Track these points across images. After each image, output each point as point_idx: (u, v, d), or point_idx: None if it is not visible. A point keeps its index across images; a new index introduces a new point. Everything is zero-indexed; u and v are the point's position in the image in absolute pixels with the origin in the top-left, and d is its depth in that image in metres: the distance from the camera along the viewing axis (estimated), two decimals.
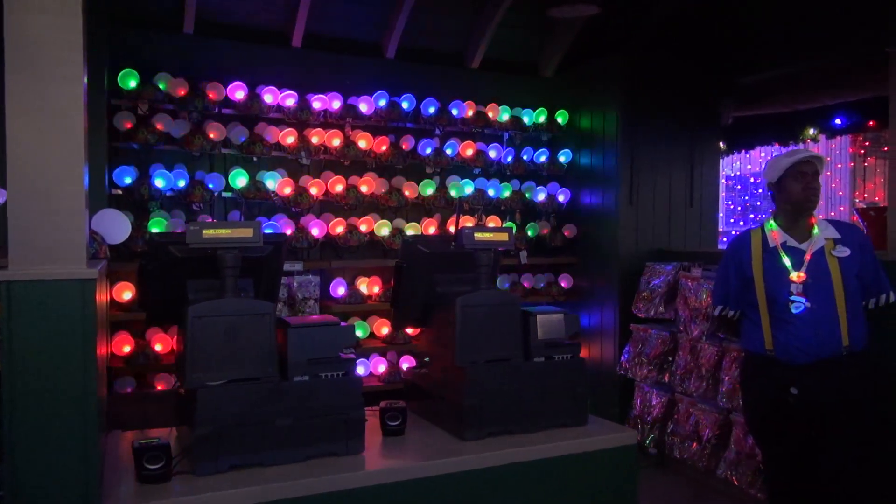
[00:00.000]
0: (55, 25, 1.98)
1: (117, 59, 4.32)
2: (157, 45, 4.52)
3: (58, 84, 1.94)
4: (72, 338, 1.98)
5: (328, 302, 4.80)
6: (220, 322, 2.30)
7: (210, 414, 2.22)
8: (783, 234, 2.94)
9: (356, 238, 4.77)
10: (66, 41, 1.96)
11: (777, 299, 2.87)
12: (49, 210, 1.91)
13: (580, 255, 5.55)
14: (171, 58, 4.53)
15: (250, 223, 2.41)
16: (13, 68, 2.00)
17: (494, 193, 5.30)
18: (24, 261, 1.97)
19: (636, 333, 4.90)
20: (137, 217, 4.27)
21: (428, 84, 5.26)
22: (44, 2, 2.03)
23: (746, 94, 5.81)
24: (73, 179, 1.92)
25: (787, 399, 2.85)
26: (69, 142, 1.92)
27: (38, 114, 1.93)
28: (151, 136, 4.29)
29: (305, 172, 4.86)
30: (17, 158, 1.96)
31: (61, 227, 1.93)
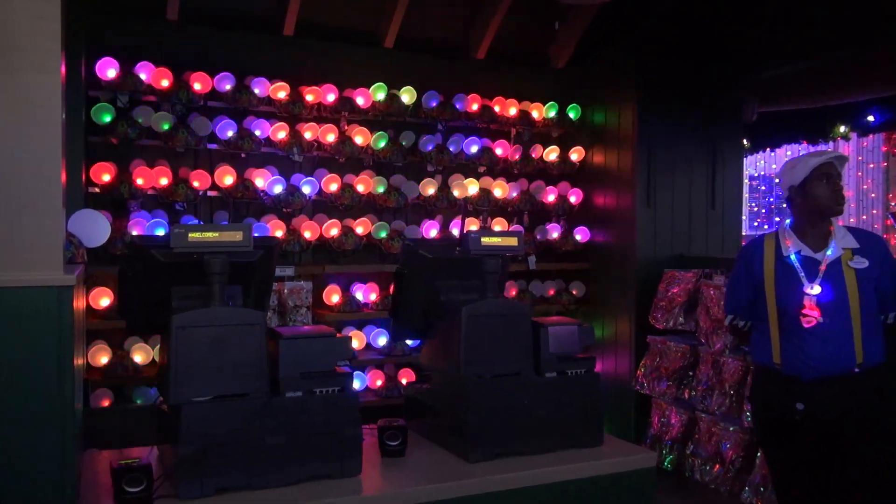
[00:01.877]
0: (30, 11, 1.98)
1: (95, 47, 4.32)
2: (138, 33, 4.52)
3: (33, 75, 1.94)
4: (47, 349, 1.97)
5: (321, 310, 4.79)
6: (206, 333, 2.30)
7: (195, 432, 2.21)
8: (798, 243, 2.93)
9: (352, 241, 4.76)
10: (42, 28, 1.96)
11: (788, 311, 2.87)
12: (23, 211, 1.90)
13: (593, 260, 5.54)
14: (154, 46, 4.53)
15: (239, 226, 2.41)
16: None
17: (501, 194, 5.30)
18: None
19: (654, 346, 4.88)
20: (116, 217, 4.26)
21: (429, 76, 5.25)
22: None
23: (772, 88, 5.81)
24: (49, 178, 1.92)
25: (793, 415, 2.86)
26: (46, 137, 1.92)
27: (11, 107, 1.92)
28: (132, 130, 4.29)
29: (297, 170, 4.86)
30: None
31: (36, 229, 1.92)
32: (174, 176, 4.46)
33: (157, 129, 4.36)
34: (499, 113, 5.33)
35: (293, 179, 4.75)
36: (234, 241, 2.41)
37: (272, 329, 2.52)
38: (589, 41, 5.64)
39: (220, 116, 4.57)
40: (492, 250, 2.70)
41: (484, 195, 5.23)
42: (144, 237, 2.97)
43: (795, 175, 2.93)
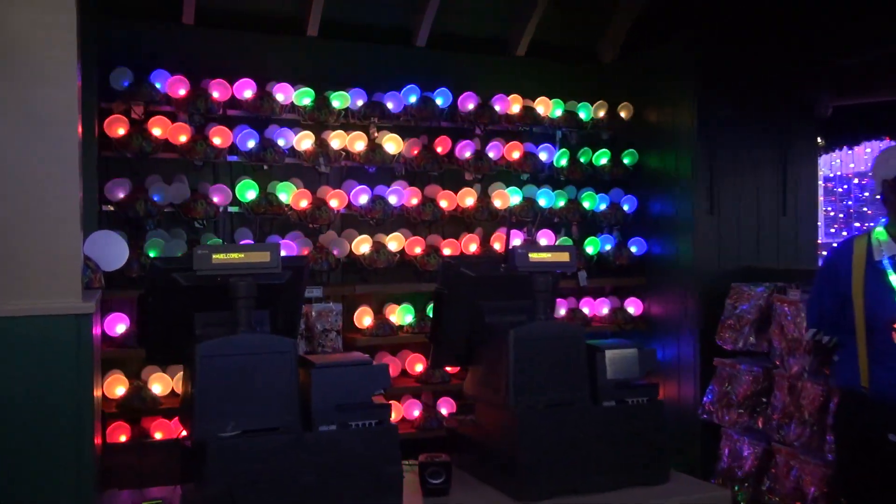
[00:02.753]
0: (45, 22, 2.05)
1: (107, 55, 4.44)
2: (152, 39, 4.64)
3: (48, 89, 2.00)
4: (65, 382, 2.02)
5: (352, 334, 4.82)
6: (232, 362, 2.33)
7: (222, 470, 2.24)
8: (893, 245, 2.85)
9: (384, 258, 4.80)
10: (57, 39, 2.03)
11: (878, 325, 2.79)
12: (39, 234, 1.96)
13: (650, 275, 5.49)
14: (169, 53, 4.64)
15: (267, 245, 2.45)
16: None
17: (546, 203, 5.29)
18: (11, 293, 2.02)
19: (721, 369, 4.81)
20: (132, 237, 4.35)
21: (466, 76, 5.28)
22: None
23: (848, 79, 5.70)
24: (66, 198, 1.97)
25: (884, 447, 2.77)
26: (62, 157, 1.98)
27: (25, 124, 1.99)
28: (147, 143, 4.39)
29: (324, 182, 4.92)
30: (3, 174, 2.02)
31: (53, 253, 1.98)
32: (193, 191, 4.55)
33: (174, 141, 4.46)
34: (542, 114, 5.33)
35: (320, 192, 4.82)
36: (261, 262, 2.45)
37: (303, 357, 2.55)
38: (640, 32, 5.62)
39: (240, 126, 4.66)
40: (541, 267, 2.70)
41: (528, 205, 5.23)
42: (165, 259, 3.03)
43: (890, 167, 2.86)
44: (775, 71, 5.29)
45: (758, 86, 5.24)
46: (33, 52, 2.10)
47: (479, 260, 3.02)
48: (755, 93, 5.23)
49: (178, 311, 2.54)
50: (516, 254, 2.71)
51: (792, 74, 5.34)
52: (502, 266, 2.85)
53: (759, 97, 5.24)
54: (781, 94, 5.31)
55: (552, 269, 2.74)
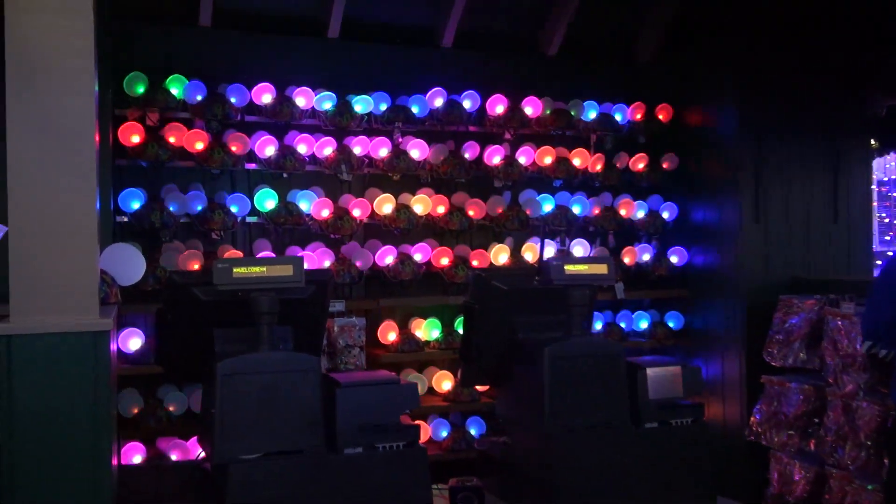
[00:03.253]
0: (61, 28, 2.09)
1: (122, 60, 4.50)
2: (168, 43, 4.69)
3: (66, 98, 2.05)
4: (82, 401, 2.06)
5: (376, 350, 4.83)
6: (254, 381, 2.36)
7: (243, 495, 2.26)
8: None
9: (409, 270, 4.81)
10: (74, 46, 2.07)
11: None
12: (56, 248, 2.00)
13: (692, 286, 5.44)
14: (186, 57, 4.70)
15: (290, 259, 2.48)
16: (14, 79, 2.11)
17: (581, 211, 5.27)
18: (28, 309, 2.06)
19: (770, 387, 4.76)
20: (147, 249, 4.39)
21: (494, 77, 5.28)
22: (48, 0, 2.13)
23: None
24: (84, 211, 2.01)
25: None
26: (79, 166, 2.02)
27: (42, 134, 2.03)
28: (163, 151, 4.44)
29: (346, 190, 4.94)
30: (20, 187, 2.06)
31: (71, 268, 2.02)
32: (209, 201, 4.59)
33: (191, 148, 4.51)
34: (576, 117, 5.32)
35: (342, 201, 4.84)
36: (284, 276, 2.49)
37: (327, 375, 2.57)
38: (679, 30, 5.59)
39: (259, 132, 4.70)
40: (577, 279, 2.70)
41: (561, 213, 5.21)
42: (183, 273, 3.08)
43: None
44: (824, 68, 5.23)
45: (805, 85, 5.19)
46: (50, 59, 2.15)
47: (511, 272, 3.02)
48: (803, 92, 5.18)
49: (197, 328, 2.58)
50: (551, 266, 2.72)
51: (842, 71, 5.28)
52: (536, 279, 2.86)
53: (807, 97, 5.19)
54: (831, 93, 5.25)
55: (589, 282, 2.74)
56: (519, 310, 2.87)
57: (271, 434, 2.35)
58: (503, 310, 2.87)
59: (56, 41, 2.14)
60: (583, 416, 2.64)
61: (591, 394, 2.66)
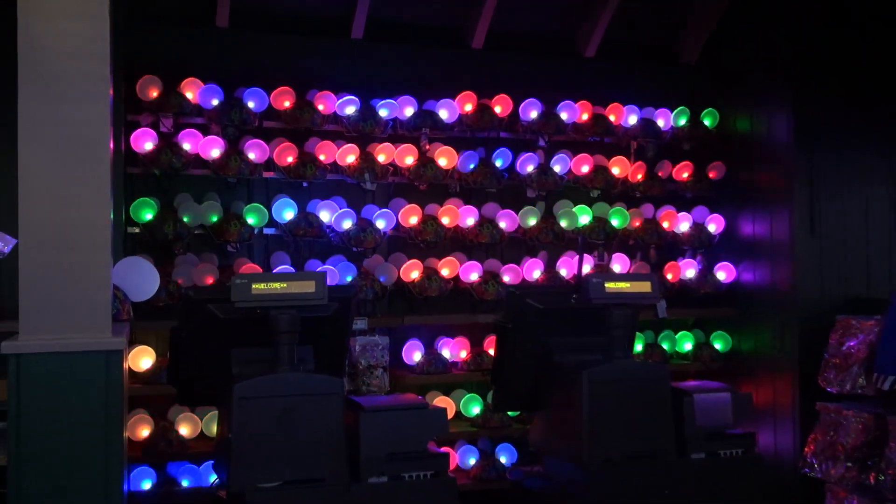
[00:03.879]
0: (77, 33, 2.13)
1: (134, 62, 4.56)
2: (183, 45, 4.76)
3: (80, 105, 2.09)
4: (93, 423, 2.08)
5: (400, 371, 4.84)
6: (273, 404, 2.38)
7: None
8: None
9: (436, 286, 4.81)
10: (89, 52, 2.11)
11: None
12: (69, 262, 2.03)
13: (740, 305, 5.39)
14: (201, 59, 4.76)
15: (312, 274, 2.50)
16: (27, 84, 2.15)
17: (620, 223, 5.26)
18: (38, 327, 2.09)
19: (825, 415, 4.70)
20: (160, 262, 4.43)
21: (528, 80, 5.29)
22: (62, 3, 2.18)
23: None
24: (98, 223, 2.05)
25: None
26: (93, 176, 2.05)
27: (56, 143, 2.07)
28: (176, 158, 4.50)
29: (370, 200, 4.97)
30: (31, 197, 2.10)
31: (83, 283, 2.05)
32: (225, 211, 4.64)
33: (206, 156, 4.57)
34: (615, 123, 5.31)
35: (365, 212, 4.87)
36: (306, 292, 2.50)
37: (350, 399, 2.58)
38: (727, 28, 5.57)
39: (277, 139, 4.74)
40: (619, 298, 2.70)
41: (599, 226, 5.20)
42: (199, 289, 3.11)
43: None
44: (885, 68, 5.18)
45: (865, 86, 5.14)
46: (64, 65, 2.19)
47: (547, 290, 3.02)
48: (862, 94, 5.13)
49: (213, 347, 2.61)
50: (590, 283, 2.71)
51: None
52: (574, 297, 2.86)
53: (866, 99, 5.14)
54: (893, 95, 5.19)
55: (632, 301, 2.73)
56: (555, 330, 2.87)
57: (291, 461, 2.36)
58: (538, 330, 2.87)
59: (71, 46, 2.18)
60: (624, 445, 2.62)
61: (633, 422, 2.65)
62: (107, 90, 2.20)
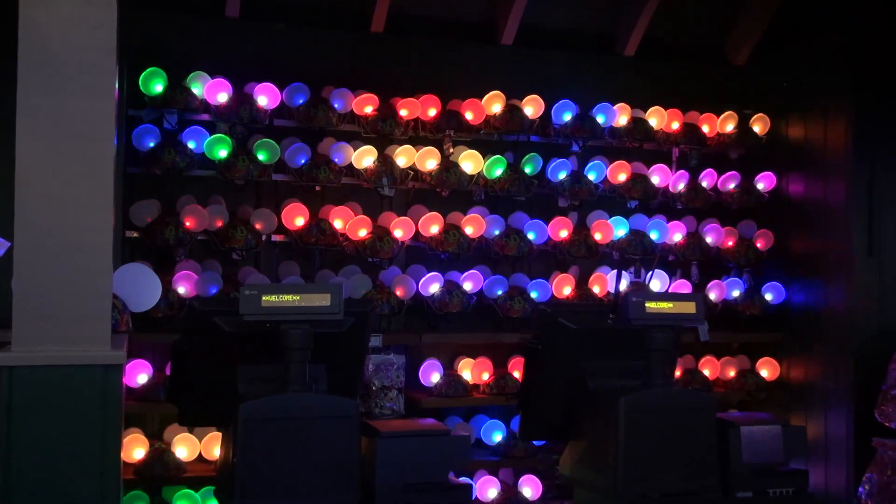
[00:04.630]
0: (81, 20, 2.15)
1: (138, 54, 4.60)
2: (190, 36, 4.79)
3: (83, 99, 2.10)
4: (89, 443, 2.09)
5: (417, 393, 4.84)
6: (282, 427, 2.38)
7: None
8: None
9: (458, 301, 4.81)
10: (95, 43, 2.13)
11: None
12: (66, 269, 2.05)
13: (790, 329, 5.36)
14: (209, 51, 4.80)
15: (327, 286, 2.51)
16: (27, 76, 2.17)
17: (659, 237, 5.24)
18: (32, 338, 2.11)
19: (883, 452, 4.66)
20: (159, 269, 4.45)
21: (561, 80, 5.30)
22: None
23: None
24: (99, 227, 2.06)
25: None
26: (95, 176, 2.07)
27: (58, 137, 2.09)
28: (180, 158, 4.52)
29: (387, 207, 4.98)
30: (28, 198, 2.12)
31: (81, 291, 2.07)
32: (231, 216, 4.66)
33: (212, 156, 4.59)
34: (656, 127, 5.30)
35: (382, 219, 4.88)
36: (320, 306, 2.51)
37: (366, 423, 2.58)
38: (780, 26, 5.55)
39: (289, 139, 4.77)
40: (660, 319, 2.68)
41: (636, 239, 5.18)
42: (204, 300, 3.13)
43: None
44: None
45: None
46: (67, 56, 2.21)
47: (581, 309, 3.01)
48: None
49: (218, 363, 2.62)
50: (630, 302, 2.70)
51: None
52: (610, 317, 2.85)
53: None
54: None
55: (674, 323, 2.71)
56: (590, 353, 2.86)
57: (300, 489, 2.37)
58: (571, 352, 2.86)
59: (75, 35, 2.20)
60: (663, 481, 2.60)
61: (673, 455, 2.63)
62: (112, 84, 2.22)
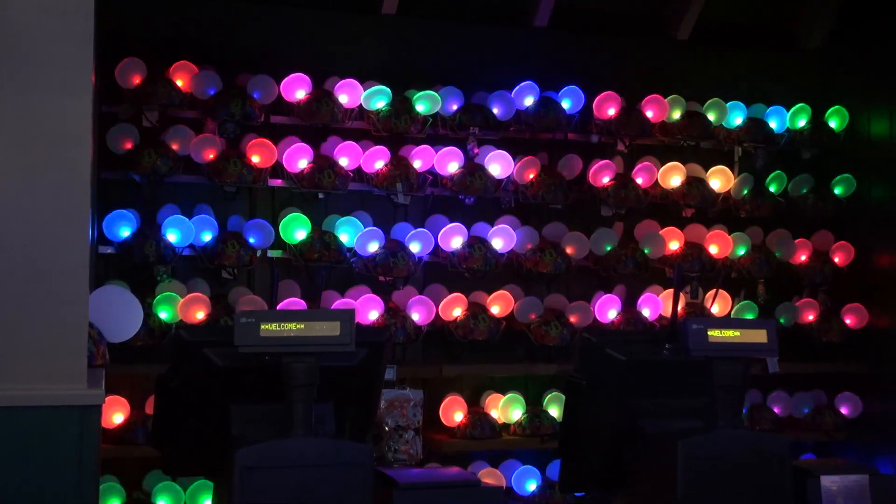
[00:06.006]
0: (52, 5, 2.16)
1: (113, 42, 4.61)
2: (174, 21, 4.81)
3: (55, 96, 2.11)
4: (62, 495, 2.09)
5: (437, 434, 4.83)
6: (285, 476, 2.37)
7: None
8: None
9: (484, 326, 4.80)
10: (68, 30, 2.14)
11: None
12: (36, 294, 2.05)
13: (874, 359, 5.35)
14: (196, 39, 4.82)
15: (336, 312, 2.51)
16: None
17: (720, 251, 5.22)
18: None
19: None
20: (138, 289, 4.45)
21: (605, 68, 5.31)
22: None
23: None
24: (74, 245, 2.06)
25: None
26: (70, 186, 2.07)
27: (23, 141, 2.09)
28: (162, 161, 4.54)
29: (402, 218, 4.99)
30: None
31: (54, 320, 2.07)
32: (221, 228, 4.67)
33: (199, 158, 4.61)
34: (715, 123, 5.30)
35: (395, 231, 4.89)
36: (328, 335, 2.50)
37: (380, 471, 2.58)
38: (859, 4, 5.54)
39: (288, 138, 4.78)
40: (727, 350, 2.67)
41: (692, 253, 5.17)
42: (193, 329, 3.14)
43: None
44: None
45: None
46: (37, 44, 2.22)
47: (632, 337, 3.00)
48: None
49: (209, 402, 2.62)
50: (690, 330, 2.69)
51: None
52: (666, 346, 2.84)
53: None
54: None
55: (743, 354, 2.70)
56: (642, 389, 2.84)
57: None
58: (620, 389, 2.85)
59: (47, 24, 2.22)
60: None
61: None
62: (89, 78, 2.24)
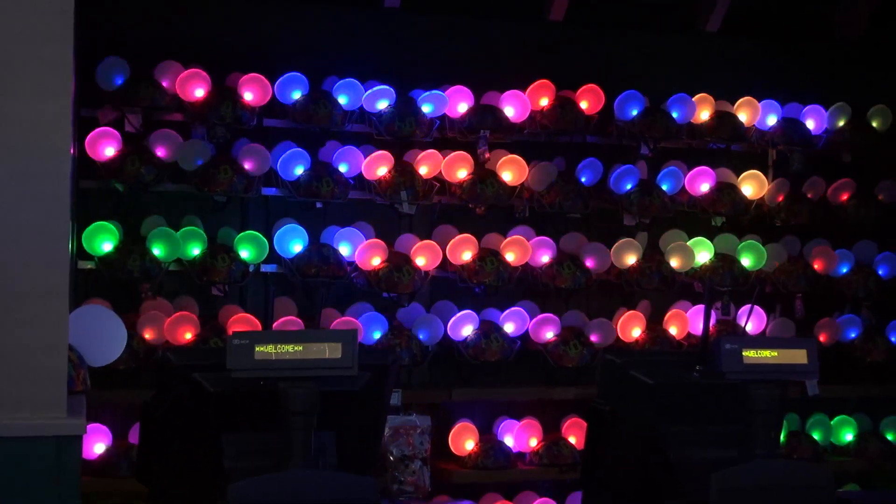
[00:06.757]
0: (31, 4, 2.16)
1: (93, 40, 4.62)
2: (159, 17, 4.82)
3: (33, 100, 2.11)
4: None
5: (446, 464, 4.83)
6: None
7: None
8: None
9: (497, 346, 4.80)
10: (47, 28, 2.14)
11: None
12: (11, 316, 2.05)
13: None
14: (183, 37, 4.83)
15: (337, 333, 2.50)
16: None
17: (753, 263, 5.21)
18: None
19: None
20: (120, 307, 4.44)
21: (626, 65, 5.32)
22: None
23: None
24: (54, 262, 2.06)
25: None
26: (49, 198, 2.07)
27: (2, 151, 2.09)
28: (147, 168, 4.54)
29: (407, 229, 4.99)
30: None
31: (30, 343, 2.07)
32: (211, 240, 4.68)
33: (187, 165, 4.61)
34: (747, 123, 5.29)
35: (400, 243, 4.89)
36: (328, 358, 2.49)
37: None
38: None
39: (283, 143, 4.79)
40: (763, 372, 2.66)
41: (723, 266, 5.16)
42: (181, 351, 3.13)
43: None
44: None
45: None
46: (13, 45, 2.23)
47: (659, 358, 2.99)
48: None
49: (199, 431, 2.61)
50: (723, 350, 2.68)
51: None
52: (697, 368, 2.83)
53: None
54: None
55: (781, 377, 2.69)
56: (672, 415, 2.83)
57: None
58: (647, 414, 2.83)
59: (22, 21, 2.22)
60: None
61: None
62: (69, 81, 2.24)
